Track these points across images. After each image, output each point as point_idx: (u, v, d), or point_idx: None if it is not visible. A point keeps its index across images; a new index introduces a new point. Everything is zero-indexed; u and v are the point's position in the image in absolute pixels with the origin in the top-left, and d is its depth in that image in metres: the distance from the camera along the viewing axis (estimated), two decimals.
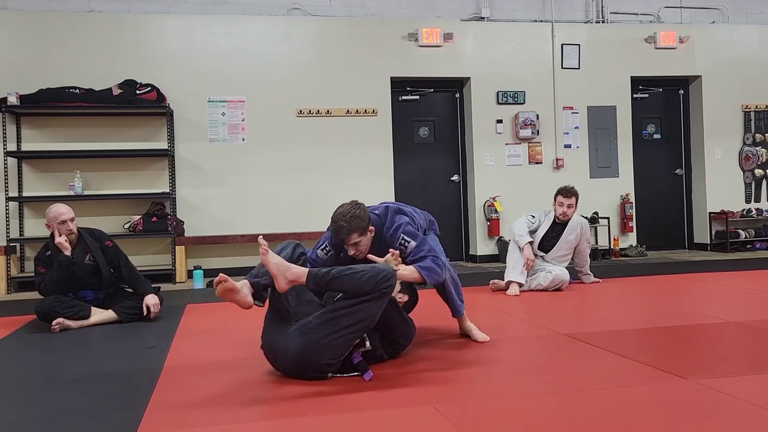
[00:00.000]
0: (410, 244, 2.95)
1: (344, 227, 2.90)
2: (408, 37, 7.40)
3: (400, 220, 3.02)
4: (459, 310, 3.38)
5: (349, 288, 2.57)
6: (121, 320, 4.16)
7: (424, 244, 2.96)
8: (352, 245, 2.94)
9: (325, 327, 2.56)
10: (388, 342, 2.91)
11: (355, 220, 2.91)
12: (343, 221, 2.89)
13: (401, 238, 2.96)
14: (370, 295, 2.56)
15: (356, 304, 2.56)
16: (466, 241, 7.85)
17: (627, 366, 2.78)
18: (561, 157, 7.72)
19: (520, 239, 5.07)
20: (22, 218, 6.58)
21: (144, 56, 6.84)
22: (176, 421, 2.22)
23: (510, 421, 2.14)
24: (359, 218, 2.92)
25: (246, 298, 2.60)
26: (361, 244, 2.96)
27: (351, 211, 2.92)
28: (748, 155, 8.20)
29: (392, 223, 3.02)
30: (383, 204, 3.18)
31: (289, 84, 7.16)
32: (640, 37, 7.95)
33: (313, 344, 2.55)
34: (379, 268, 2.61)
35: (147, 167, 6.84)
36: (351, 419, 2.18)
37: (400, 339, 2.97)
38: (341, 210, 2.94)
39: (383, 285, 2.57)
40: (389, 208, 3.11)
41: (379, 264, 2.70)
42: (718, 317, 3.84)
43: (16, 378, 2.96)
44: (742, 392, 2.32)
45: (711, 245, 8.09)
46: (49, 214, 4.16)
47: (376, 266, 2.64)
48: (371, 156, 7.29)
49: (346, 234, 2.91)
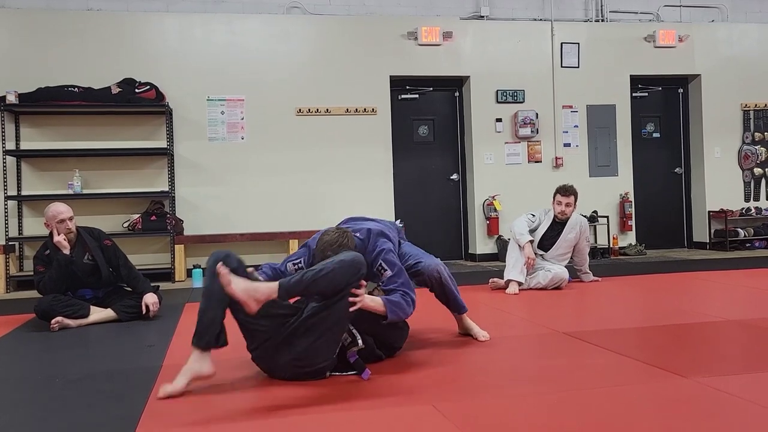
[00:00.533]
0: (386, 272, 2.88)
1: (324, 249, 2.83)
2: (407, 35, 7.39)
3: (383, 245, 2.96)
4: (462, 306, 3.37)
5: (324, 289, 2.52)
6: (120, 319, 4.15)
7: (399, 276, 2.90)
8: None
9: (307, 336, 2.54)
10: (382, 345, 2.90)
11: (342, 251, 2.79)
12: (330, 252, 2.78)
13: (380, 264, 2.90)
14: (341, 293, 2.53)
15: (328, 307, 2.54)
16: (466, 240, 7.85)
17: (626, 364, 2.78)
18: (560, 155, 7.72)
19: (521, 238, 5.07)
20: (21, 217, 6.57)
21: (143, 55, 6.84)
22: (175, 420, 2.21)
23: (509, 419, 2.14)
24: (347, 248, 2.83)
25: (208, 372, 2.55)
26: None
27: (338, 240, 2.83)
28: (748, 154, 8.20)
29: (374, 247, 2.95)
30: (365, 227, 3.07)
31: (288, 83, 7.15)
32: (640, 36, 7.94)
33: (303, 352, 2.55)
34: (346, 261, 2.55)
35: (146, 166, 6.83)
36: (350, 418, 2.18)
37: (394, 343, 2.98)
38: (328, 239, 2.84)
39: (354, 279, 2.56)
40: (372, 231, 3.01)
41: (344, 255, 2.61)
42: (717, 316, 3.84)
43: (15, 377, 2.96)
44: (741, 390, 2.33)
45: (710, 244, 8.09)
46: (48, 213, 4.16)
47: (343, 259, 2.57)
48: (370, 155, 7.28)
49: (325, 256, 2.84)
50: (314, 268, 2.55)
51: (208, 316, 2.55)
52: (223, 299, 2.53)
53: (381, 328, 2.83)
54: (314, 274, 2.51)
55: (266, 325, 2.59)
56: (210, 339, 2.53)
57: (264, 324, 2.59)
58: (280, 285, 2.48)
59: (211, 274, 2.54)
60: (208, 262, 2.61)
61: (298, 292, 2.55)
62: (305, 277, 2.51)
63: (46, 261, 4.16)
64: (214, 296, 2.54)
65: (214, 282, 2.52)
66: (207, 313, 2.55)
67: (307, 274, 2.52)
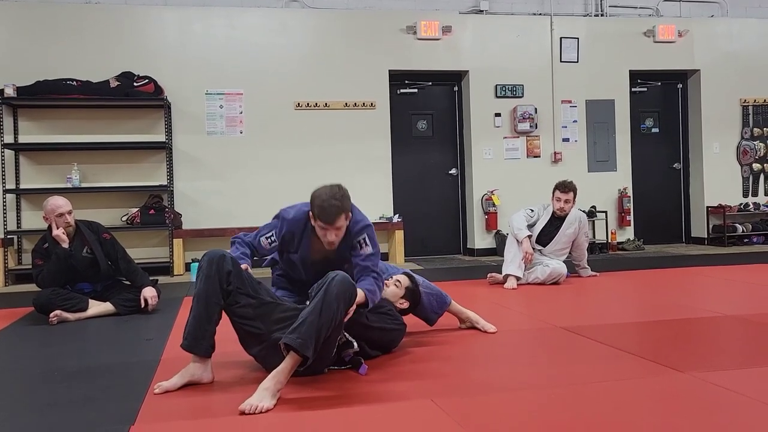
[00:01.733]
0: (366, 248, 2.80)
1: (337, 206, 2.65)
2: (406, 29, 7.37)
3: (367, 221, 2.87)
4: (431, 319, 3.31)
5: (330, 325, 2.40)
6: (119, 313, 4.16)
7: (377, 257, 2.83)
8: (336, 229, 2.70)
9: None
10: (378, 347, 2.87)
11: (345, 201, 2.69)
12: (335, 200, 2.65)
13: (364, 238, 2.80)
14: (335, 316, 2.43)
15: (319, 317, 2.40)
16: (464, 235, 7.86)
17: (624, 359, 2.78)
18: (559, 150, 7.72)
19: (519, 233, 5.07)
20: (20, 210, 6.56)
21: (141, 48, 6.82)
22: (174, 413, 2.22)
23: (507, 414, 2.15)
24: (348, 199, 2.71)
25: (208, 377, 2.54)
26: (342, 229, 2.73)
27: (339, 191, 2.69)
28: (746, 149, 8.21)
29: (359, 219, 2.85)
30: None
31: (287, 77, 7.14)
32: (639, 31, 7.93)
33: None
34: (336, 292, 2.40)
35: (145, 160, 6.82)
36: (349, 413, 2.18)
37: (389, 345, 2.94)
38: (328, 190, 2.69)
39: (351, 301, 2.49)
40: (354, 205, 2.90)
41: (333, 289, 2.42)
42: (714, 311, 3.85)
43: (13, 370, 2.96)
44: (739, 385, 2.33)
45: (708, 239, 8.10)
46: (47, 206, 4.16)
47: (335, 293, 2.40)
48: (369, 149, 7.28)
49: (336, 215, 2.66)
50: (311, 315, 2.36)
51: (203, 321, 2.50)
52: (218, 302, 2.52)
53: (372, 333, 2.79)
54: (320, 323, 2.35)
55: (262, 328, 2.57)
56: (207, 345, 2.51)
57: (260, 327, 2.58)
58: (295, 361, 2.34)
59: (204, 277, 2.52)
60: (201, 262, 2.58)
61: (317, 340, 2.36)
62: (315, 331, 2.34)
63: (44, 254, 4.16)
64: (209, 300, 2.50)
65: (208, 285, 2.50)
66: (201, 318, 2.50)
67: (313, 327, 2.34)
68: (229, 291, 2.55)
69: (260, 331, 2.57)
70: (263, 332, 2.56)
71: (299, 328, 2.32)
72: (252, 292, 2.60)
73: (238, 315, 2.58)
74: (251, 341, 2.62)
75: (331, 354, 2.57)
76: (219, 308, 2.54)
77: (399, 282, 3.11)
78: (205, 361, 2.52)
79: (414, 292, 3.14)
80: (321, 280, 2.49)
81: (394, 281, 3.11)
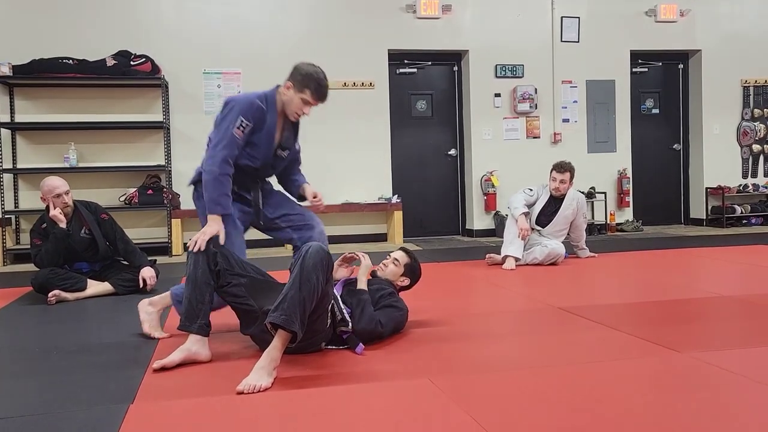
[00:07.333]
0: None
1: (327, 86, 2.93)
2: (406, 8, 7.30)
3: None
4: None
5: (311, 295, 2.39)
6: (117, 292, 4.16)
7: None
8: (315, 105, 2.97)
9: None
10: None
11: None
12: (325, 79, 2.92)
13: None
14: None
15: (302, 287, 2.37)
16: (463, 216, 7.85)
17: (621, 339, 2.79)
18: (559, 131, 7.69)
19: (515, 210, 5.08)
20: (17, 190, 6.55)
21: (138, 27, 6.75)
22: (173, 392, 2.23)
23: (504, 393, 2.16)
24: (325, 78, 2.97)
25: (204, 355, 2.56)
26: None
27: (321, 69, 2.94)
28: (746, 130, 8.18)
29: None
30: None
31: (285, 56, 7.01)
32: (641, 11, 7.86)
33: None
34: (312, 266, 2.39)
35: (142, 139, 6.79)
36: (346, 391, 2.19)
37: (395, 328, 2.89)
38: (314, 68, 2.92)
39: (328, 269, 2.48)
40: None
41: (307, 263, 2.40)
42: (712, 291, 3.86)
43: (12, 349, 2.97)
44: (735, 365, 2.34)
45: (707, 220, 8.10)
46: (44, 187, 4.14)
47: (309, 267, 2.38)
48: (368, 129, 7.24)
49: (326, 92, 2.95)
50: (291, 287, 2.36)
51: (196, 302, 2.54)
52: (209, 284, 2.57)
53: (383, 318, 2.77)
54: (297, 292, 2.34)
55: (254, 305, 2.59)
56: (202, 324, 2.55)
57: (252, 304, 2.60)
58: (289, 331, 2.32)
59: (193, 260, 2.59)
60: (189, 244, 2.66)
61: (301, 314, 2.35)
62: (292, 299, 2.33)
63: (42, 234, 4.15)
64: (199, 281, 2.56)
65: (196, 267, 2.56)
66: (193, 299, 2.55)
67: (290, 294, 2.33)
68: (217, 272, 2.61)
69: (253, 308, 2.60)
70: (255, 309, 2.59)
71: (281, 305, 2.33)
72: (240, 270, 2.66)
73: (231, 294, 2.64)
74: (248, 320, 2.65)
75: (325, 326, 2.57)
76: (210, 288, 2.59)
77: (397, 260, 3.09)
78: (202, 339, 2.56)
79: (413, 267, 3.12)
80: (296, 254, 2.58)
81: (392, 260, 3.08)
